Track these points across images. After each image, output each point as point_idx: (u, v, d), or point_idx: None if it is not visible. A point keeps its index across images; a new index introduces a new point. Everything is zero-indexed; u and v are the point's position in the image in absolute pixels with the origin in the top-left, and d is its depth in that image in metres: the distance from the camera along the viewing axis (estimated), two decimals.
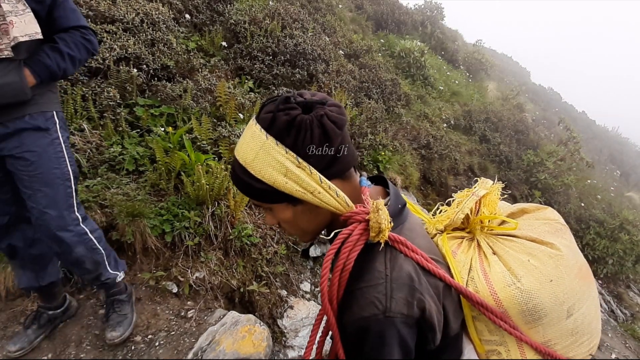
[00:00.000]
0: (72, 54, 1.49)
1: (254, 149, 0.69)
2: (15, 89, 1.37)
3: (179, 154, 2.52)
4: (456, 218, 0.88)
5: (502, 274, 0.77)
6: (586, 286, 0.79)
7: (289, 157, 0.68)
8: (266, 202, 0.75)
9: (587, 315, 0.78)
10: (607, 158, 13.20)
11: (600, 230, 6.77)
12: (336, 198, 0.72)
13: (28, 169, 1.47)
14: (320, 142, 0.69)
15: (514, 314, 0.75)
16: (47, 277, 1.77)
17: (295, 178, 0.69)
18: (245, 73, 3.89)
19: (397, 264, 0.71)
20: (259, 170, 0.69)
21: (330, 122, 0.69)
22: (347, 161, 0.75)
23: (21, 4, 1.35)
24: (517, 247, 0.80)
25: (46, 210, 1.50)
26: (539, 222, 0.86)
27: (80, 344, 1.87)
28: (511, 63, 17.19)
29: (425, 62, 7.32)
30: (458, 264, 0.82)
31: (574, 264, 0.78)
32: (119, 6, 3.20)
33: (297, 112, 0.68)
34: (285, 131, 0.68)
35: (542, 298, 0.73)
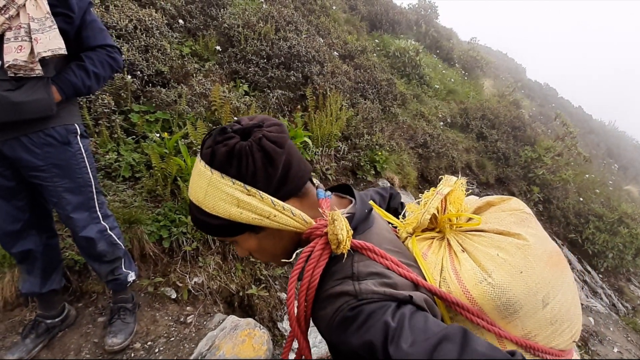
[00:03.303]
0: (97, 71, 1.58)
1: (203, 186, 0.69)
2: (43, 105, 1.45)
3: (175, 160, 2.52)
4: (423, 219, 0.87)
5: (473, 270, 0.76)
6: (559, 273, 0.78)
7: (237, 187, 0.68)
8: (229, 236, 0.75)
9: (564, 303, 0.77)
10: (604, 152, 13.22)
11: (599, 224, 6.79)
12: (293, 217, 0.71)
13: (53, 179, 1.57)
14: (263, 165, 0.68)
15: (489, 309, 0.74)
16: (50, 284, 1.81)
17: (248, 206, 0.68)
18: (240, 77, 3.90)
19: (364, 263, 0.70)
20: (212, 206, 0.69)
21: (269, 143, 0.68)
22: (298, 177, 0.74)
23: (49, 20, 1.42)
24: (486, 242, 0.79)
25: (72, 215, 1.64)
26: (505, 213, 0.84)
27: (79, 353, 1.87)
28: (507, 60, 17.23)
29: (420, 61, 7.33)
30: (429, 265, 0.81)
31: (542, 252, 0.76)
32: (112, 13, 3.20)
33: (235, 141, 0.68)
34: (227, 162, 0.68)
35: (515, 291, 0.72)
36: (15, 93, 1.39)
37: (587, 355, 3.86)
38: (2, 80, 1.37)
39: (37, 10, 1.41)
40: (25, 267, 1.76)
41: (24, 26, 1.38)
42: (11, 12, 1.37)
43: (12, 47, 1.37)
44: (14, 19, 1.38)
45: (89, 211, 1.69)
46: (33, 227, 1.70)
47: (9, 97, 1.38)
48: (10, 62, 1.35)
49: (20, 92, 1.40)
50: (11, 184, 1.58)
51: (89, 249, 1.74)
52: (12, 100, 1.38)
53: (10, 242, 1.67)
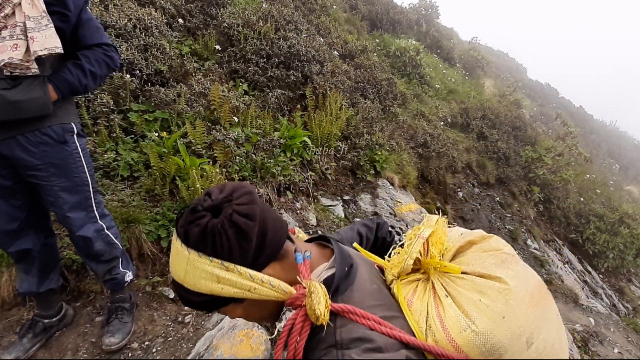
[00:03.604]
0: (94, 70, 1.58)
1: (182, 265, 0.70)
2: (39, 104, 1.44)
3: (174, 159, 2.51)
4: (406, 265, 0.87)
5: (457, 318, 0.77)
6: (541, 310, 0.78)
7: (215, 265, 0.69)
8: (214, 309, 0.76)
9: (547, 340, 0.77)
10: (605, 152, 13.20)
11: (600, 224, 6.77)
12: (272, 289, 0.72)
13: (50, 179, 1.56)
14: (237, 240, 0.69)
15: (475, 355, 0.75)
16: (47, 283, 1.80)
17: (229, 282, 0.70)
18: (240, 76, 3.89)
19: (347, 328, 0.71)
20: (193, 284, 0.71)
21: (241, 218, 0.69)
22: (275, 242, 0.75)
23: (45, 19, 1.41)
24: (468, 286, 0.80)
25: (69, 215, 1.63)
26: (486, 254, 0.85)
27: (76, 352, 1.86)
28: (507, 59, 17.20)
29: (420, 61, 7.32)
30: (415, 313, 0.82)
31: (523, 294, 0.77)
32: (111, 12, 3.19)
33: (207, 220, 0.68)
34: (202, 242, 0.68)
35: (499, 337, 0.73)
36: (12, 92, 1.39)
37: (587, 356, 3.85)
38: None
39: (33, 9, 1.41)
40: (23, 267, 1.75)
41: (19, 24, 1.37)
42: (7, 11, 1.36)
43: (8, 46, 1.37)
44: (10, 17, 1.37)
45: (86, 210, 1.69)
46: (31, 227, 1.70)
47: (5, 96, 1.37)
48: (5, 60, 1.34)
49: (17, 91, 1.40)
50: (8, 183, 1.57)
51: (86, 249, 1.73)
52: (8, 99, 1.38)
53: (7, 241, 1.66)
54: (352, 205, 3.68)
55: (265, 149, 3.18)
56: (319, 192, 3.55)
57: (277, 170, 3.11)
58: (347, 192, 3.78)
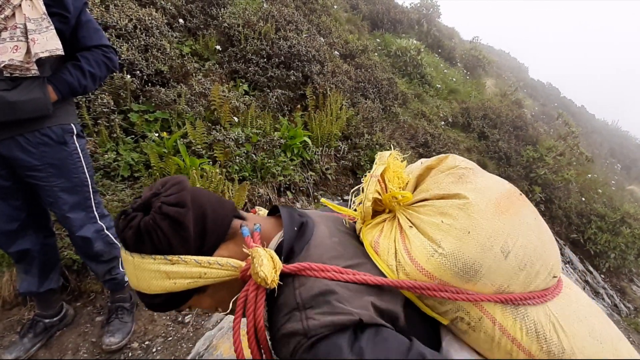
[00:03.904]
0: (93, 71, 1.59)
1: (132, 271, 0.70)
2: (39, 104, 1.45)
3: (174, 159, 2.52)
4: (365, 209, 0.83)
5: (422, 245, 0.74)
6: (512, 217, 0.74)
7: (159, 261, 0.68)
8: (180, 304, 0.75)
9: (527, 245, 0.73)
10: (607, 152, 13.16)
11: (601, 224, 6.76)
12: (222, 268, 0.71)
13: (49, 179, 1.57)
14: (174, 230, 0.67)
15: (449, 278, 0.71)
16: (48, 283, 1.81)
17: (178, 275, 0.68)
18: (240, 76, 3.90)
19: (306, 287, 0.68)
20: (147, 287, 0.70)
21: (171, 207, 0.67)
22: (218, 224, 0.73)
23: (45, 21, 1.42)
24: (430, 211, 0.76)
25: (68, 215, 1.64)
26: (443, 174, 0.81)
27: (77, 352, 1.87)
28: (509, 59, 17.17)
29: (421, 61, 7.32)
30: (382, 253, 0.78)
31: (486, 204, 0.73)
32: (112, 13, 3.20)
33: (138, 220, 0.67)
34: (139, 242, 0.68)
35: (468, 253, 0.70)
36: (11, 93, 1.40)
37: None
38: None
39: (33, 11, 1.41)
40: (23, 267, 1.76)
41: (19, 26, 1.38)
42: (7, 13, 1.37)
43: (8, 47, 1.37)
44: (10, 19, 1.38)
45: (85, 211, 1.69)
46: (30, 227, 1.70)
47: (5, 97, 1.38)
48: (6, 62, 1.35)
49: (16, 92, 1.40)
50: (7, 183, 1.58)
51: (86, 249, 1.73)
52: (8, 99, 1.38)
53: (7, 241, 1.67)
54: None
55: (266, 149, 3.19)
56: (319, 192, 3.55)
57: (278, 170, 3.11)
58: (347, 192, 3.77)
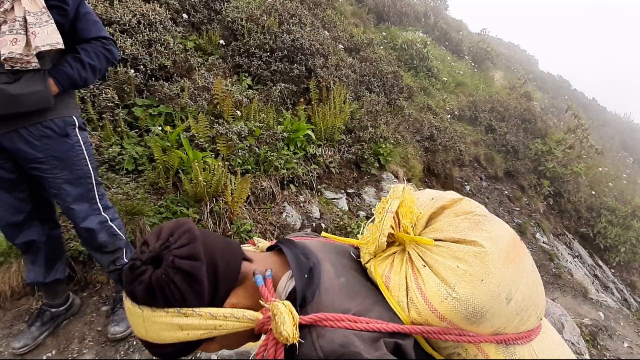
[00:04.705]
0: (93, 63, 1.60)
1: (140, 324, 0.68)
2: (40, 97, 1.47)
3: (177, 153, 2.54)
4: (380, 243, 0.86)
5: (437, 287, 0.77)
6: (516, 266, 0.80)
7: (172, 314, 0.66)
8: (190, 352, 0.74)
9: (525, 292, 0.80)
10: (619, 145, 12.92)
11: (612, 218, 6.65)
12: (237, 321, 0.70)
13: (53, 172, 1.59)
14: (188, 285, 0.66)
15: (458, 320, 0.76)
16: (54, 273, 1.85)
17: (191, 327, 0.68)
18: (244, 70, 3.91)
19: (326, 339, 0.68)
20: (157, 338, 0.68)
21: (184, 261, 0.66)
22: (229, 271, 0.73)
23: (45, 15, 1.44)
24: (445, 253, 0.80)
25: (72, 207, 1.66)
26: (459, 218, 0.84)
27: (83, 340, 1.92)
28: (518, 51, 16.89)
29: (428, 54, 7.24)
30: (394, 289, 0.82)
31: (499, 254, 0.78)
32: (116, 8, 3.23)
33: (149, 274, 0.65)
34: (151, 297, 0.65)
35: (479, 299, 0.75)
36: (13, 86, 1.42)
37: (595, 350, 3.80)
38: (0, 73, 1.40)
39: (33, 4, 1.43)
40: (30, 258, 1.80)
41: (18, 19, 1.40)
42: (6, 6, 1.39)
43: (7, 40, 1.40)
44: (9, 12, 1.40)
45: (89, 202, 1.72)
46: (35, 218, 1.74)
47: (7, 90, 1.41)
48: (6, 54, 1.38)
49: (18, 85, 1.43)
50: (12, 176, 1.61)
51: (90, 240, 1.76)
52: (9, 92, 1.41)
53: (13, 233, 1.71)
54: (356, 198, 3.68)
55: (269, 142, 3.20)
56: (323, 186, 3.56)
57: (281, 164, 3.13)
58: (351, 186, 3.78)
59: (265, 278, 0.75)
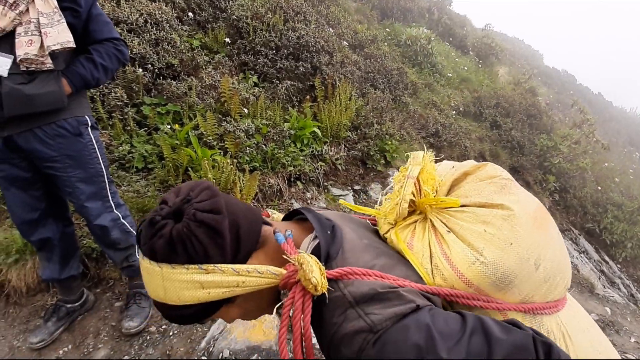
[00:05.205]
0: (105, 64, 1.64)
1: (158, 283, 0.65)
2: (54, 97, 1.51)
3: (186, 150, 2.57)
4: (401, 210, 0.82)
5: (463, 252, 0.74)
6: (545, 231, 0.78)
7: (193, 271, 0.63)
8: (207, 317, 0.72)
9: (553, 259, 0.77)
10: (625, 140, 12.82)
11: (618, 213, 6.62)
12: (261, 276, 0.68)
13: (67, 170, 1.63)
14: (210, 238, 0.63)
15: (486, 286, 0.73)
16: (68, 270, 1.89)
17: (213, 284, 0.65)
18: (249, 68, 3.92)
19: (354, 286, 0.66)
20: (177, 298, 0.65)
21: (206, 214, 0.63)
22: (250, 231, 0.70)
23: (57, 15, 1.47)
24: (470, 218, 0.76)
25: (85, 205, 1.70)
26: (484, 183, 0.81)
27: (98, 335, 1.95)
28: (523, 46, 16.78)
29: (432, 50, 7.22)
30: (417, 255, 0.79)
31: (527, 217, 0.76)
32: (123, 7, 3.25)
33: (169, 228, 0.62)
34: (171, 252, 0.62)
35: (508, 264, 0.72)
36: (28, 86, 1.45)
37: None
38: (15, 74, 1.42)
39: (46, 5, 1.46)
40: (45, 255, 1.84)
41: (33, 21, 1.43)
42: (21, 8, 1.42)
43: (23, 42, 1.43)
44: (24, 14, 1.43)
45: (102, 200, 1.75)
46: (50, 216, 1.77)
47: (23, 90, 1.43)
48: (22, 56, 1.41)
49: (33, 85, 1.46)
50: (27, 174, 1.65)
51: (103, 237, 1.80)
52: (25, 93, 1.44)
53: (28, 230, 1.75)
54: (362, 195, 3.70)
55: (276, 139, 3.22)
56: (330, 182, 3.58)
57: (288, 161, 3.15)
58: (358, 182, 3.80)
59: (286, 237, 0.74)
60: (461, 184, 0.85)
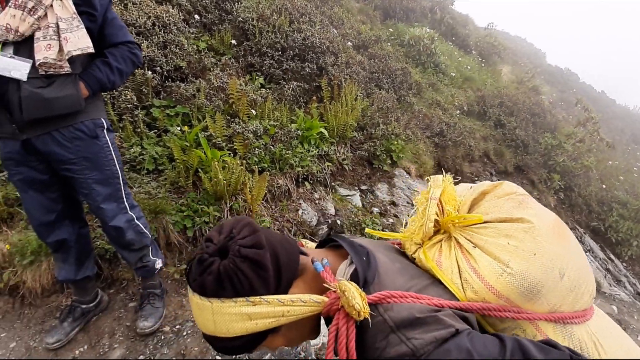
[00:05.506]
0: (121, 67, 1.67)
1: (209, 317, 0.70)
2: (72, 100, 1.54)
3: (196, 152, 2.59)
4: (427, 229, 0.88)
5: (490, 265, 0.78)
6: (565, 242, 0.81)
7: (241, 304, 0.68)
8: (255, 346, 0.75)
9: (576, 268, 0.81)
10: (629, 138, 12.78)
11: (623, 211, 6.61)
12: (305, 305, 0.72)
13: (84, 172, 1.66)
14: (255, 273, 0.68)
15: (515, 297, 0.77)
16: (83, 271, 1.91)
17: (260, 315, 0.69)
18: (256, 70, 3.95)
19: (394, 311, 0.70)
20: (226, 331, 0.70)
21: (249, 250, 0.68)
22: (289, 261, 0.74)
23: (76, 20, 1.50)
24: (493, 232, 0.81)
25: (102, 206, 1.72)
26: (502, 200, 0.86)
27: (113, 335, 1.98)
28: (525, 45, 16.75)
29: (435, 49, 7.22)
30: (446, 272, 0.83)
31: (547, 229, 0.80)
32: (131, 11, 3.28)
33: (217, 265, 0.67)
34: (220, 287, 0.67)
35: (534, 274, 0.76)
36: (47, 90, 1.48)
37: None
38: (34, 78, 1.45)
39: (64, 10, 1.48)
40: (61, 256, 1.86)
41: (52, 25, 1.46)
42: (39, 13, 1.45)
43: (42, 46, 1.45)
44: (43, 19, 1.46)
45: (117, 202, 1.78)
46: (66, 218, 1.80)
47: (42, 94, 1.46)
48: (41, 60, 1.43)
49: (51, 89, 1.48)
50: (45, 177, 1.67)
51: (118, 238, 1.82)
52: (44, 96, 1.47)
53: (45, 232, 1.77)
54: (369, 195, 3.71)
55: (283, 140, 3.24)
56: (337, 183, 3.59)
57: (295, 162, 3.17)
58: (364, 182, 3.81)
59: (323, 265, 0.78)
60: (480, 203, 0.90)
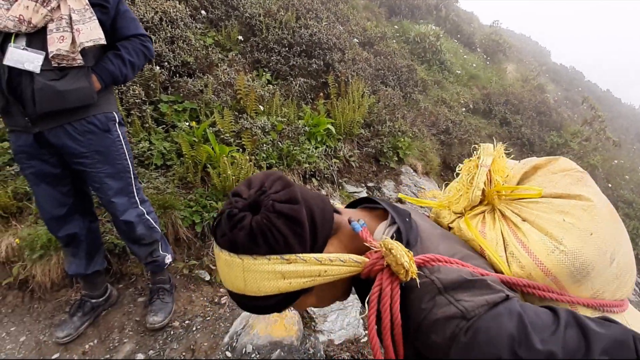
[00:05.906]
0: (133, 60, 1.66)
1: (238, 275, 0.64)
2: (85, 93, 1.53)
3: (204, 147, 2.58)
4: (474, 197, 0.82)
5: (542, 240, 0.73)
6: (619, 225, 0.78)
7: (275, 262, 0.63)
8: (286, 307, 0.71)
9: (625, 255, 0.77)
10: (634, 137, 12.72)
11: (629, 211, 6.59)
12: (344, 264, 0.67)
13: (96, 166, 1.65)
14: (290, 229, 0.63)
15: (563, 276, 0.73)
16: (94, 265, 1.91)
17: (295, 274, 0.64)
18: (263, 65, 3.93)
19: (442, 272, 0.66)
20: (257, 290, 0.64)
21: (284, 205, 0.62)
22: (325, 218, 0.70)
23: (88, 12, 1.49)
24: (547, 208, 0.76)
25: (113, 200, 1.71)
26: (558, 175, 0.80)
27: (122, 330, 1.97)
28: (530, 43, 16.66)
29: (441, 47, 7.19)
30: (491, 242, 0.78)
31: (606, 209, 0.76)
32: (138, 6, 3.27)
33: (249, 219, 0.61)
34: (253, 243, 0.62)
35: (588, 254, 0.71)
36: (60, 82, 1.47)
37: None
38: (48, 70, 1.44)
39: (77, 2, 1.47)
40: (71, 250, 1.86)
41: (64, 17, 1.45)
42: (53, 5, 1.44)
43: (55, 38, 1.44)
44: (55, 10, 1.45)
45: (128, 196, 1.77)
46: (77, 212, 1.79)
47: (55, 87, 1.45)
48: (54, 52, 1.42)
49: (64, 82, 1.47)
50: (57, 170, 1.67)
51: (129, 233, 1.81)
52: (57, 89, 1.46)
53: (56, 226, 1.76)
54: (376, 192, 3.69)
55: (291, 136, 3.23)
56: (344, 179, 3.58)
57: (303, 158, 3.15)
58: (371, 179, 3.80)
59: (361, 225, 0.72)
60: (531, 177, 0.85)
